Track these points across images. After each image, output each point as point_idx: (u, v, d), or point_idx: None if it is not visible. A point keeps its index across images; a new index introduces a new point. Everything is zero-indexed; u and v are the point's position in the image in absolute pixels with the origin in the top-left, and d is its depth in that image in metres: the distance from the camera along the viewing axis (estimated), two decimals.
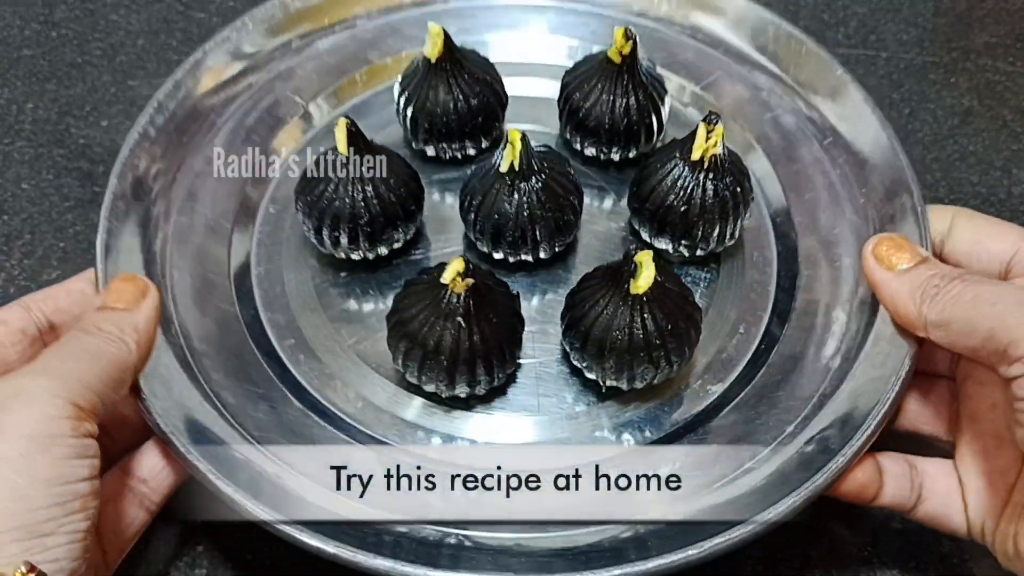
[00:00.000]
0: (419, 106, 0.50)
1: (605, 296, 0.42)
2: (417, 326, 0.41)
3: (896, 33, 0.69)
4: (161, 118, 0.50)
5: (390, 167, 0.46)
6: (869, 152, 0.50)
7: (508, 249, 0.47)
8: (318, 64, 0.56)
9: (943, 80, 0.66)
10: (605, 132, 0.51)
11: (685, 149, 0.46)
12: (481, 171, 0.47)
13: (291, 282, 0.48)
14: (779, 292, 0.49)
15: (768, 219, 0.51)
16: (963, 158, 0.62)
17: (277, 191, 0.52)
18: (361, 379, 0.45)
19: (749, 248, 0.50)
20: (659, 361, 0.42)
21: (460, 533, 0.40)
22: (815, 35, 0.61)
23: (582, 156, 0.53)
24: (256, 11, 0.55)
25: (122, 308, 0.39)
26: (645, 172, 0.48)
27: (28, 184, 0.58)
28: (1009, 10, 0.71)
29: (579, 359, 0.44)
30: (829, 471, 0.39)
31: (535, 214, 0.46)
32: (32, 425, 0.32)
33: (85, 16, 0.67)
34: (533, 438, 0.44)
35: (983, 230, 0.44)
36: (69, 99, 0.62)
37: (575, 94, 0.51)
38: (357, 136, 0.45)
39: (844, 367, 0.44)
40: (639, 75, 0.50)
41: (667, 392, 0.45)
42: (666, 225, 0.47)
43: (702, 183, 0.46)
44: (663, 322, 0.41)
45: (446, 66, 0.49)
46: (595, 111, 0.50)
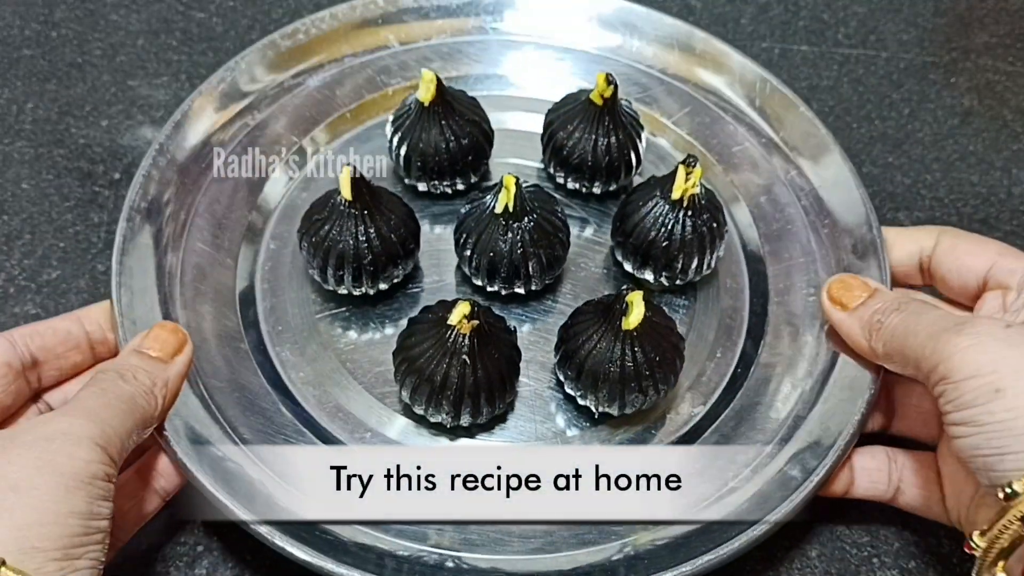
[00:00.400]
0: (412, 146, 0.53)
1: (598, 331, 0.45)
2: (425, 363, 0.44)
3: (896, 33, 0.70)
4: (163, 159, 0.52)
5: (390, 208, 0.49)
6: (831, 185, 0.54)
7: (502, 283, 0.50)
8: (309, 100, 0.58)
9: (943, 80, 0.67)
10: (588, 168, 0.54)
11: (665, 189, 0.49)
12: (476, 211, 0.50)
13: (295, 317, 0.51)
14: (752, 317, 0.52)
15: (740, 248, 0.55)
16: (963, 158, 0.63)
17: (277, 227, 0.54)
18: (368, 410, 0.48)
19: (723, 276, 0.54)
20: (648, 390, 0.45)
21: (455, 555, 0.42)
22: (815, 35, 0.63)
23: (565, 189, 0.56)
24: (248, 52, 0.57)
25: (156, 356, 0.41)
26: (628, 209, 0.51)
27: (28, 184, 0.58)
28: (1009, 10, 0.71)
29: (573, 388, 0.47)
30: (807, 488, 0.43)
31: (528, 251, 0.49)
32: (75, 465, 0.35)
33: (85, 16, 0.67)
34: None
35: (963, 247, 0.47)
36: (69, 99, 0.63)
37: (559, 133, 0.54)
38: (360, 182, 0.47)
39: (815, 389, 0.47)
40: (619, 115, 0.53)
41: (653, 415, 0.48)
42: (649, 258, 0.50)
43: (681, 220, 0.49)
44: (651, 354, 0.45)
45: (438, 109, 0.52)
46: (578, 149, 0.54)
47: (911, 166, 0.63)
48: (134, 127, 0.62)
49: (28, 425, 0.37)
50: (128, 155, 0.60)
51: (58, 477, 0.34)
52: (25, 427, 0.36)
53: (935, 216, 0.61)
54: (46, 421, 0.36)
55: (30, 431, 0.35)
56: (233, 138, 0.55)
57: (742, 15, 0.71)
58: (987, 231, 0.59)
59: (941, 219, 0.60)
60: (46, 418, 0.37)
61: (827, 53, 0.68)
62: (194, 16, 0.68)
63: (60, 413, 0.37)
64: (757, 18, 0.71)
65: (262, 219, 0.54)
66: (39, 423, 0.36)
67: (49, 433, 0.35)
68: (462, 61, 0.61)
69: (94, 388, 0.39)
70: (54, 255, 0.56)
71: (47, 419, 0.37)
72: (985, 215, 0.61)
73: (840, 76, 0.68)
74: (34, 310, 0.53)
